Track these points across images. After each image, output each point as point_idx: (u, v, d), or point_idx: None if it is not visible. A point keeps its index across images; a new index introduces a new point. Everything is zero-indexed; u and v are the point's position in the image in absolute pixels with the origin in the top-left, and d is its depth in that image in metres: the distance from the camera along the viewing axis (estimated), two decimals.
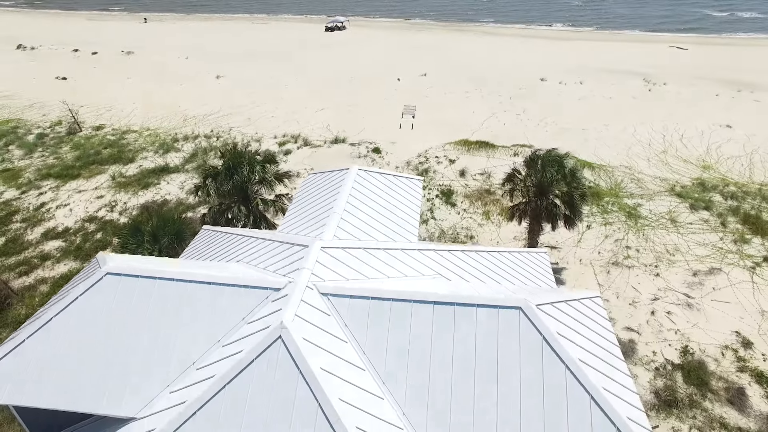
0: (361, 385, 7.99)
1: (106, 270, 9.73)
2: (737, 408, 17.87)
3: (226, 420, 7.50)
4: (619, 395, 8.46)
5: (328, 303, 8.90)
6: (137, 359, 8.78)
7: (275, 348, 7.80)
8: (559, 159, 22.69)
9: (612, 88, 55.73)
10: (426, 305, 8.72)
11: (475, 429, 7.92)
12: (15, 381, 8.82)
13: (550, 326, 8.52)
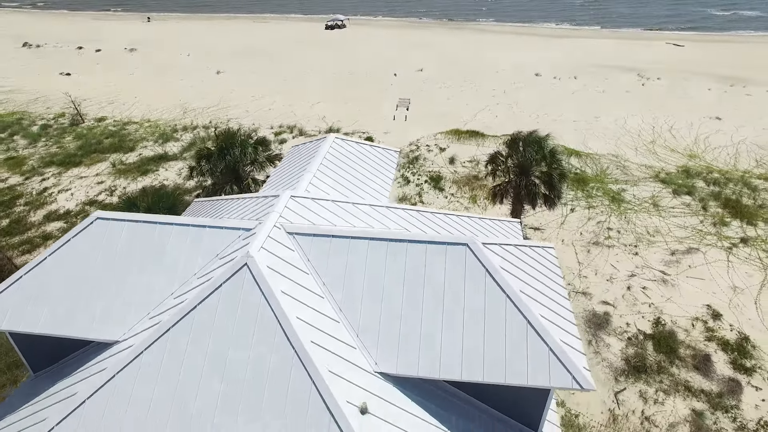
0: (318, 309, 8.88)
1: (97, 215, 10.73)
2: (702, 373, 18.64)
3: (195, 336, 8.40)
4: (557, 323, 9.30)
5: (293, 240, 9.80)
6: (123, 292, 9.70)
7: (241, 273, 8.70)
8: (539, 140, 23.53)
9: (605, 82, 56.49)
10: (381, 242, 9.60)
11: (421, 351, 8.78)
12: (13, 310, 9.78)
13: (494, 261, 9.38)
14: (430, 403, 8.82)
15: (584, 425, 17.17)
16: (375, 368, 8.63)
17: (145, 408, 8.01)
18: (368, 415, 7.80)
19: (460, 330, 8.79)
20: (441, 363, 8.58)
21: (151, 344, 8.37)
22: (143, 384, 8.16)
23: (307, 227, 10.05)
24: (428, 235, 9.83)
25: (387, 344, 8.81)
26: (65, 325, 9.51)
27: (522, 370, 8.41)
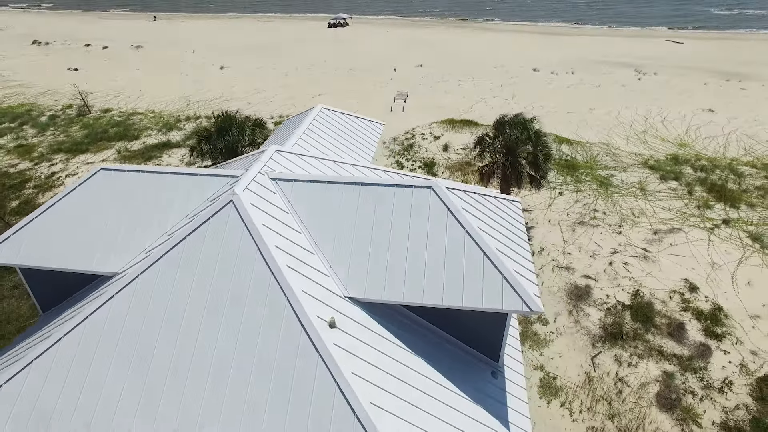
0: (295, 241, 9.86)
1: (100, 167, 11.80)
2: (675, 339, 19.46)
3: (185, 263, 9.40)
4: (513, 258, 10.20)
5: (275, 185, 10.79)
6: (122, 232, 10.73)
7: (227, 209, 9.69)
8: (524, 122, 24.47)
9: (602, 77, 57.26)
10: (355, 186, 10.58)
11: (387, 279, 9.74)
12: (24, 249, 10.83)
13: (456, 202, 10.33)
14: (396, 328, 9.76)
15: (561, 387, 18.02)
16: (345, 293, 9.59)
17: (138, 324, 9.01)
18: (336, 330, 8.76)
19: (423, 261, 9.74)
20: (405, 289, 9.53)
21: (144, 270, 9.37)
22: (138, 304, 9.16)
23: (288, 174, 11.06)
24: (396, 179, 10.79)
25: (357, 274, 9.78)
26: (70, 260, 10.54)
27: (478, 295, 9.34)
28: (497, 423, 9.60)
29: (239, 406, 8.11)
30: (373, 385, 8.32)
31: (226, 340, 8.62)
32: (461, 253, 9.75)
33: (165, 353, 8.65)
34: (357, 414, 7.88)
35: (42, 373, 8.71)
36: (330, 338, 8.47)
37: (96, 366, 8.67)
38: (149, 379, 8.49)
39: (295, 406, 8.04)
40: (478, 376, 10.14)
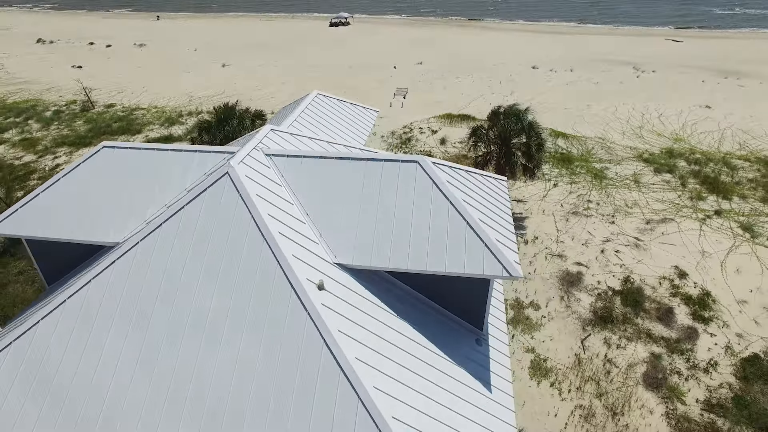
0: (287, 211, 10.35)
1: (104, 144, 12.36)
2: (664, 323, 19.88)
3: (182, 231, 9.90)
4: (495, 228, 10.66)
5: (269, 160, 11.29)
6: (124, 205, 11.25)
7: (223, 180, 10.19)
8: (518, 112, 24.94)
9: (601, 75, 57.65)
10: (345, 161, 11.07)
11: (374, 247, 10.23)
12: (30, 222, 11.37)
13: (441, 176, 10.81)
14: (383, 294, 10.25)
15: (551, 368, 18.46)
16: (334, 260, 10.08)
17: (138, 287, 9.50)
18: (325, 292, 9.25)
19: (408, 230, 10.22)
20: (391, 256, 10.00)
21: (144, 237, 9.87)
22: (138, 268, 9.65)
23: (282, 150, 11.56)
24: (385, 154, 11.30)
25: (345, 242, 10.26)
26: (74, 231, 11.07)
27: (460, 261, 9.82)
28: (480, 385, 10.06)
29: (232, 362, 8.60)
30: (358, 342, 8.80)
31: (220, 301, 9.12)
32: (445, 222, 10.24)
33: (163, 314, 9.15)
34: (343, 368, 8.36)
35: (48, 332, 9.22)
36: (318, 299, 8.96)
37: (98, 325, 9.18)
38: (147, 337, 8.99)
39: (284, 362, 8.52)
40: (462, 343, 10.61)
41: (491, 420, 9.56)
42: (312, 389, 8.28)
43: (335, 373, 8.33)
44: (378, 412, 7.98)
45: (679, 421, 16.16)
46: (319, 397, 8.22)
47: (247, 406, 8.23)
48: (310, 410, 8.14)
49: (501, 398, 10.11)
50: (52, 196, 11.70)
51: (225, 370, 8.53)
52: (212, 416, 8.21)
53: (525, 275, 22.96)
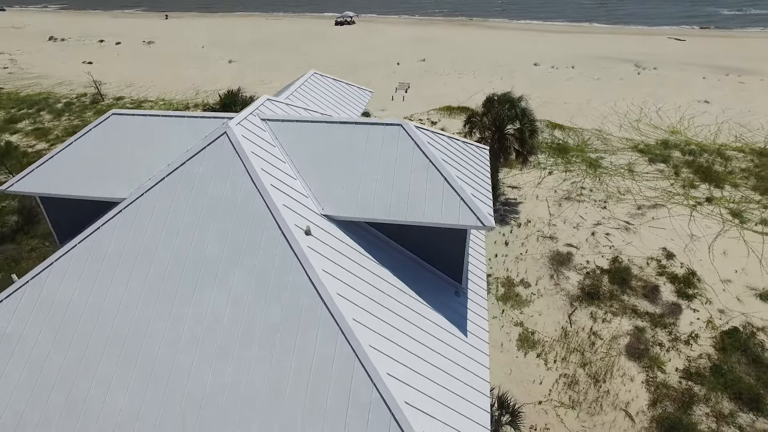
0: (280, 168, 11.18)
1: (112, 112, 13.30)
2: (649, 300, 20.53)
3: (183, 184, 10.76)
4: (472, 185, 11.43)
5: (265, 124, 12.13)
6: (130, 165, 12.13)
7: (221, 139, 11.04)
8: (511, 99, 25.71)
9: (601, 71, 58.20)
10: (334, 124, 11.90)
11: (358, 201, 11.02)
12: (44, 180, 12.30)
13: (423, 138, 11.60)
14: (367, 244, 11.03)
15: (538, 340, 19.17)
16: (321, 211, 10.89)
17: (142, 233, 10.35)
18: (311, 237, 10.06)
19: (391, 186, 11.01)
20: (374, 209, 10.80)
21: (148, 189, 10.75)
22: (142, 217, 10.50)
23: (277, 115, 12.42)
24: (370, 119, 12.09)
25: (332, 196, 11.07)
26: (84, 189, 11.97)
27: (438, 213, 10.59)
28: (457, 330, 10.82)
29: (225, 296, 9.43)
30: (340, 281, 9.59)
31: (216, 246, 9.95)
32: (424, 178, 11.03)
33: (164, 255, 9.99)
34: (325, 302, 9.14)
35: (61, 270, 10.09)
36: (305, 242, 9.77)
37: (106, 265, 10.03)
38: (150, 275, 9.83)
39: (272, 297, 9.32)
40: (441, 293, 11.38)
41: (466, 360, 10.32)
42: (297, 321, 9.08)
43: (318, 306, 9.13)
44: (357, 342, 8.76)
45: (658, 388, 16.82)
46: (302, 328, 9.02)
47: (237, 335, 9.05)
48: (294, 341, 8.94)
49: (476, 342, 10.86)
50: (65, 158, 12.63)
51: (219, 302, 9.36)
52: (206, 341, 9.05)
53: (517, 255, 23.71)
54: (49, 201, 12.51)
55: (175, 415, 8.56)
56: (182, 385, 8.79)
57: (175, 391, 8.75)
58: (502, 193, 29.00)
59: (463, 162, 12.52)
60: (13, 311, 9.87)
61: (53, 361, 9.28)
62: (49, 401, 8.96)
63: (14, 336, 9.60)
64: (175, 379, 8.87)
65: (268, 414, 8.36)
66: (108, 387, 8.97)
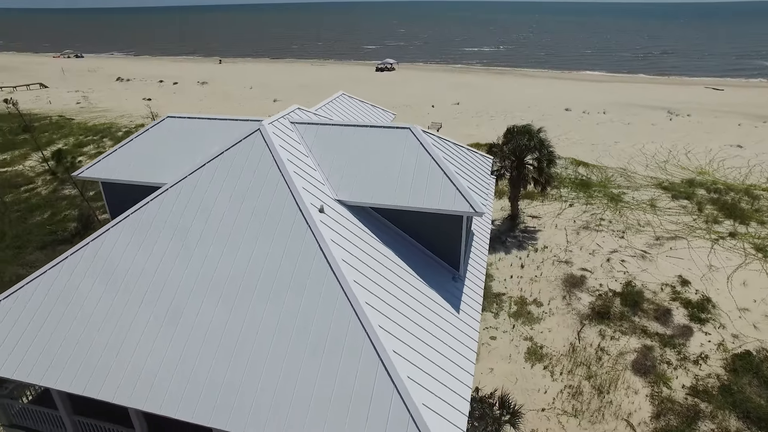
0: (303, 160, 12.92)
1: (168, 115, 15.66)
2: (660, 322, 20.74)
3: (219, 170, 12.63)
4: (469, 181, 12.77)
5: (293, 126, 14.04)
6: (180, 156, 14.22)
7: (255, 134, 12.96)
8: (529, 130, 27.16)
9: (633, 117, 58.97)
10: (351, 128, 13.66)
11: (366, 189, 12.57)
12: (107, 168, 14.55)
13: (428, 140, 13.15)
14: (374, 228, 12.46)
15: (546, 354, 19.68)
16: (335, 196, 12.47)
17: (181, 209, 12.18)
18: (324, 215, 11.60)
19: (396, 178, 12.53)
20: (380, 195, 12.33)
21: (191, 173, 12.69)
22: (183, 195, 12.35)
23: (304, 119, 14.36)
24: (383, 124, 13.82)
25: (345, 184, 12.66)
26: (137, 175, 14.11)
27: (435, 200, 11.99)
28: (451, 307, 11.93)
29: (247, 259, 11.00)
30: (345, 250, 10.99)
31: (243, 218, 11.62)
32: (426, 173, 12.52)
33: (198, 225, 11.73)
34: (332, 268, 10.54)
35: (114, 235, 11.98)
36: (318, 218, 11.32)
37: (151, 233, 11.84)
38: (186, 242, 11.55)
39: (287, 259, 10.78)
40: (440, 276, 12.56)
41: (458, 332, 11.38)
42: (305, 280, 10.51)
43: (325, 270, 10.55)
44: (355, 298, 10.08)
45: (662, 402, 16.97)
46: (309, 286, 10.43)
47: (255, 287, 10.55)
48: (302, 295, 10.35)
49: (468, 320, 11.92)
50: (125, 151, 14.91)
51: (241, 263, 10.94)
52: (228, 291, 10.59)
53: (532, 277, 24.43)
54: (108, 185, 14.69)
55: (196, 351, 10.03)
56: (204, 329, 10.29)
57: (198, 331, 10.26)
58: (522, 221, 29.95)
59: (464, 163, 13.97)
60: (75, 266, 11.78)
61: (102, 305, 11.02)
62: (96, 336, 10.63)
63: (73, 285, 11.46)
64: (199, 324, 10.39)
65: (275, 353, 9.71)
66: (143, 328, 10.58)
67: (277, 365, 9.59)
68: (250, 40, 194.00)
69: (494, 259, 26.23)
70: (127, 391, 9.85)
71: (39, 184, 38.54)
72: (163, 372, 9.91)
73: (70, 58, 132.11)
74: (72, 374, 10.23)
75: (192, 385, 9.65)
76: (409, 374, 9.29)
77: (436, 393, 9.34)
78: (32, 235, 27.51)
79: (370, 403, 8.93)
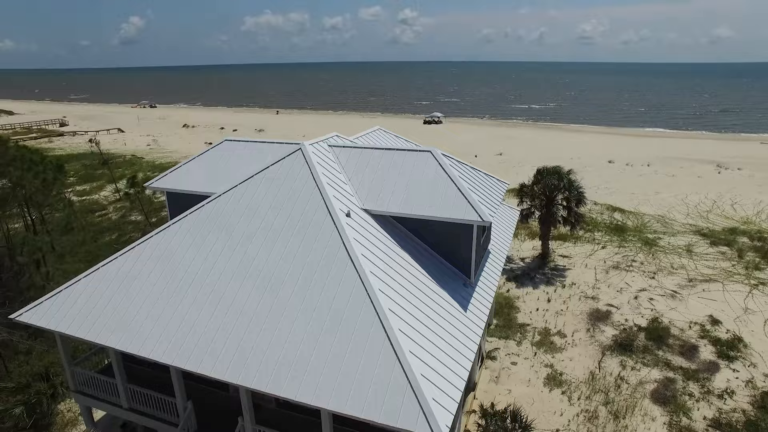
0: (336, 174, 14.87)
1: (225, 138, 18.29)
2: (686, 357, 20.65)
3: (263, 182, 14.80)
4: (478, 194, 14.28)
5: (330, 149, 16.18)
6: (232, 170, 16.61)
7: (296, 153, 15.13)
8: (559, 171, 28.35)
9: (678, 170, 58.38)
10: (380, 150, 15.59)
11: (391, 201, 14.31)
12: (172, 181, 17.14)
13: (447, 162, 14.83)
14: (393, 234, 14.06)
15: (565, 380, 20.01)
16: (362, 206, 14.24)
17: (230, 212, 14.31)
18: (350, 219, 13.36)
19: (416, 192, 14.20)
20: (401, 206, 14.00)
21: (239, 184, 14.92)
22: (231, 202, 14.52)
23: (340, 143, 16.53)
24: (408, 147, 15.67)
25: (371, 196, 14.42)
26: (197, 186, 16.57)
27: (449, 211, 13.52)
28: (458, 305, 13.15)
29: (281, 252, 12.85)
30: (365, 248, 12.58)
31: (281, 220, 13.56)
32: (443, 188, 14.13)
33: (243, 226, 13.76)
34: (352, 259, 12.16)
35: (173, 231, 14.22)
36: (344, 221, 13.09)
37: (203, 230, 13.98)
38: (231, 239, 13.57)
39: (316, 252, 12.51)
40: (452, 280, 13.85)
41: (461, 325, 12.55)
42: (328, 270, 12.15)
43: (345, 262, 12.19)
44: (370, 285, 11.61)
45: (681, 431, 16.91)
46: (332, 274, 12.05)
47: (286, 275, 12.29)
48: (324, 282, 11.97)
49: (473, 318, 13.08)
50: (187, 167, 17.54)
51: (276, 256, 12.77)
52: (263, 278, 12.40)
53: (558, 310, 24.90)
54: (171, 195, 17.23)
55: (231, 324, 11.78)
56: (239, 307, 12.07)
57: (234, 309, 12.05)
58: (552, 260, 30.55)
59: (478, 182, 15.50)
60: (139, 254, 14.03)
61: (159, 285, 13.09)
62: (152, 309, 12.64)
63: (138, 267, 13.67)
64: (235, 303, 12.19)
65: (298, 327, 11.30)
66: (190, 305, 12.48)
67: (299, 337, 11.15)
68: (308, 93, 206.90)
69: (521, 293, 26.91)
70: (172, 353, 11.66)
71: (110, 210, 43.01)
72: (203, 340, 11.67)
73: (145, 108, 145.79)
74: (130, 337, 12.19)
75: (225, 349, 11.33)
76: (411, 349, 10.59)
77: (434, 368, 10.55)
78: (101, 252, 30.78)
79: (374, 371, 10.26)
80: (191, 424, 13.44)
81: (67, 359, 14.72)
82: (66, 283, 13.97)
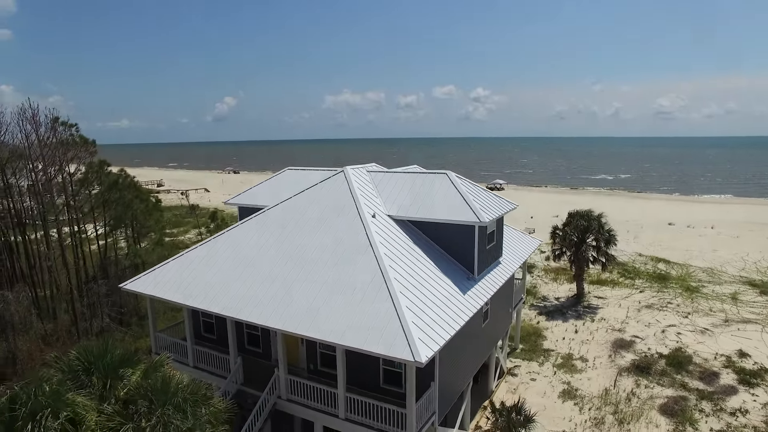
0: (369, 190, 18.69)
1: (288, 168, 23.04)
2: (704, 382, 21.24)
3: (311, 195, 18.96)
4: (480, 204, 17.44)
5: (368, 173, 20.20)
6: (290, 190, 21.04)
7: (340, 175, 19.27)
8: (588, 214, 30.44)
9: (744, 232, 56.51)
10: (406, 174, 19.41)
11: (410, 209, 17.82)
12: (243, 199, 21.88)
13: (459, 181, 18.28)
14: (410, 235, 17.40)
15: (580, 395, 21.29)
16: (386, 212, 17.83)
17: (281, 221, 18.43)
18: (375, 219, 16.95)
19: (431, 205, 17.66)
20: (417, 213, 17.46)
21: (291, 197, 19.17)
22: (287, 209, 18.72)
23: (376, 170, 20.62)
24: (427, 171, 19.44)
25: (396, 205, 17.98)
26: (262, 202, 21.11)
27: (454, 215, 16.75)
28: (459, 291, 15.97)
29: (320, 241, 16.58)
30: (385, 240, 16.00)
31: (322, 219, 17.50)
32: (452, 200, 17.49)
33: (291, 225, 17.76)
34: (372, 245, 15.64)
35: (241, 230, 18.57)
36: (370, 220, 16.72)
37: (263, 229, 18.17)
38: (283, 235, 17.60)
39: (347, 246, 16.13)
40: (456, 273, 16.72)
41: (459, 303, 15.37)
42: (355, 258, 15.59)
43: (366, 246, 15.65)
44: (383, 262, 14.92)
45: None
46: (361, 261, 15.50)
47: (320, 257, 15.95)
48: (353, 267, 15.40)
49: (471, 300, 15.84)
50: (255, 190, 22.30)
51: (315, 246, 16.55)
52: (303, 260, 16.13)
53: (584, 340, 26.17)
54: (243, 209, 21.87)
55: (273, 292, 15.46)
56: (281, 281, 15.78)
57: (276, 284, 15.78)
58: (587, 300, 31.75)
59: (485, 199, 18.62)
60: (214, 244, 18.41)
61: (227, 265, 17.22)
62: (220, 282, 16.69)
63: (211, 254, 17.98)
64: (279, 280, 15.92)
65: (324, 291, 14.77)
66: (251, 282, 16.38)
67: (324, 298, 14.58)
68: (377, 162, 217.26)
69: (551, 324, 28.42)
70: (231, 309, 15.46)
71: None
72: (253, 301, 15.39)
73: (229, 174, 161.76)
74: (204, 299, 16.21)
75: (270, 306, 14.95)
76: (407, 305, 13.66)
77: (423, 320, 13.47)
78: None
79: (378, 320, 13.37)
80: (239, 377, 16.87)
81: (154, 327, 18.98)
82: (160, 264, 18.54)
